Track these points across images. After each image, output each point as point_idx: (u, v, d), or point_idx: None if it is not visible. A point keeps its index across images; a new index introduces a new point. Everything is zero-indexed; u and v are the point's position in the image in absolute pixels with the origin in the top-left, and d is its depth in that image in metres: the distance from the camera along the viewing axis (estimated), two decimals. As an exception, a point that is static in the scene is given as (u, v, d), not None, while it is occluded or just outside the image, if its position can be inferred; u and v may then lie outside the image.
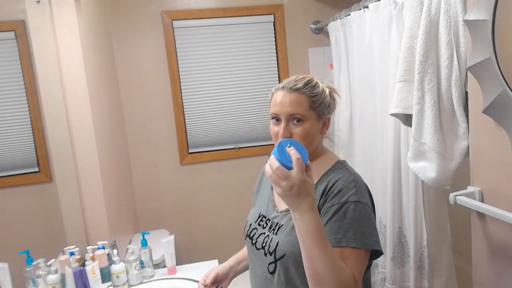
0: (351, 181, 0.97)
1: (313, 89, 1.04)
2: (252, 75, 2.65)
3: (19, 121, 1.56)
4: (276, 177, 0.79)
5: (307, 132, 1.03)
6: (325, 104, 1.06)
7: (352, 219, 0.91)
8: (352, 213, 0.92)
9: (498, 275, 1.22)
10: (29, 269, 1.50)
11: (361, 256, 0.90)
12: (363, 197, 0.96)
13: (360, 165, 2.16)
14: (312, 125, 1.04)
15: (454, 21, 1.35)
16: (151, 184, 2.60)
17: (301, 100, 1.02)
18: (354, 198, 0.94)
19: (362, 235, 0.91)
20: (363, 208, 0.93)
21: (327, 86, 1.11)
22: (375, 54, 1.88)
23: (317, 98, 1.04)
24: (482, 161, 1.23)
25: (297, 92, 1.03)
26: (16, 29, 1.55)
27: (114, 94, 2.32)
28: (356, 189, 0.95)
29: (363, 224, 0.92)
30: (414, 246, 1.75)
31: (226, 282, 1.24)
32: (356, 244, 0.89)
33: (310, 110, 1.03)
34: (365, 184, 1.01)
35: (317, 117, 1.05)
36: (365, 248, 0.90)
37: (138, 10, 2.47)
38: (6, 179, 1.51)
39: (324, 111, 1.06)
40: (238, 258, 1.28)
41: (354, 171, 1.04)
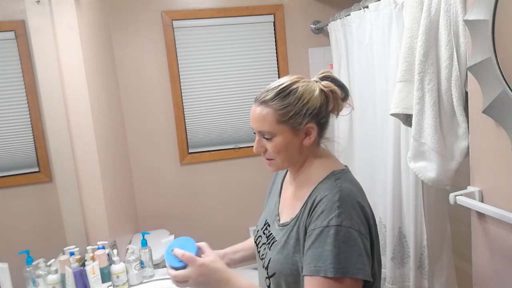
0: (336, 201, 0.87)
1: (283, 100, 0.93)
2: (252, 75, 2.65)
3: (19, 121, 1.56)
4: (181, 283, 0.84)
5: (278, 148, 0.96)
6: (303, 113, 0.93)
7: (333, 245, 0.83)
8: (333, 238, 0.83)
9: (498, 275, 1.22)
10: (29, 269, 1.50)
11: (345, 286, 0.82)
12: (348, 219, 0.85)
13: (360, 165, 2.16)
14: (284, 140, 0.95)
15: (454, 21, 1.35)
16: (151, 184, 2.60)
17: (266, 115, 0.94)
18: (335, 222, 0.84)
19: (344, 262, 0.82)
20: (346, 232, 0.84)
21: (326, 84, 0.97)
22: (375, 54, 1.88)
23: (289, 110, 0.93)
24: (482, 161, 1.23)
25: (263, 106, 0.94)
26: (16, 29, 1.55)
27: (114, 94, 2.32)
28: (340, 210, 0.85)
29: (347, 250, 0.83)
30: (414, 246, 1.75)
31: None
32: (334, 274, 0.81)
33: (279, 124, 0.93)
34: (357, 200, 0.89)
35: (292, 130, 0.94)
36: (347, 277, 0.82)
37: (138, 10, 2.47)
38: (6, 179, 1.51)
39: (302, 121, 0.94)
40: (236, 248, 1.25)
41: (346, 185, 0.92)
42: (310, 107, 0.94)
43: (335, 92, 0.97)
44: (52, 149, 1.60)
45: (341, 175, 0.95)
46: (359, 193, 0.93)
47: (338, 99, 0.98)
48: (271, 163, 1.00)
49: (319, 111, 0.95)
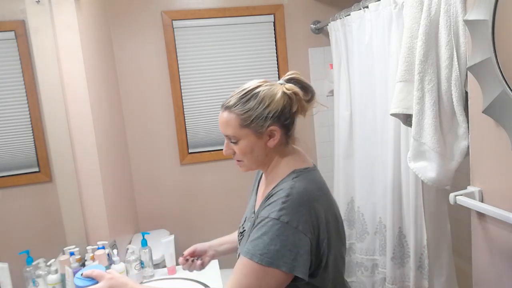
0: (284, 197, 0.92)
1: (244, 105, 0.98)
2: (252, 75, 2.65)
3: (19, 121, 1.56)
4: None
5: (244, 151, 1.01)
6: (265, 116, 0.97)
7: (267, 235, 0.89)
8: (269, 229, 0.89)
9: (498, 275, 1.22)
10: (29, 269, 1.50)
11: (267, 275, 0.88)
12: (288, 215, 0.89)
13: (360, 165, 2.16)
14: (249, 143, 1.00)
15: (454, 21, 1.35)
16: (151, 184, 2.60)
17: (230, 120, 0.99)
18: (275, 215, 0.90)
19: (272, 253, 0.87)
20: (281, 226, 0.89)
21: (289, 87, 1.01)
22: (375, 54, 1.88)
23: (250, 114, 0.97)
24: (482, 161, 1.23)
25: (227, 111, 1.00)
26: (16, 29, 1.55)
27: (114, 94, 2.32)
28: (283, 205, 0.91)
29: (277, 243, 0.88)
30: (414, 246, 1.75)
31: (205, 257, 1.24)
32: (259, 260, 0.87)
33: (242, 128, 0.99)
34: (306, 200, 0.92)
35: (255, 133, 0.99)
36: (272, 267, 0.87)
37: (138, 10, 2.47)
38: (6, 179, 1.51)
39: (264, 124, 0.98)
40: (222, 240, 1.30)
41: (300, 184, 0.96)
42: (271, 110, 0.98)
43: (298, 94, 1.01)
44: (52, 149, 1.60)
45: (301, 173, 0.99)
46: (317, 192, 0.97)
47: (302, 101, 1.02)
48: (241, 164, 1.07)
49: (282, 113, 0.99)
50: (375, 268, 2.09)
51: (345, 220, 2.34)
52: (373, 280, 2.12)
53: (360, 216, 2.16)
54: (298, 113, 1.04)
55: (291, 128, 1.04)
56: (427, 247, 1.73)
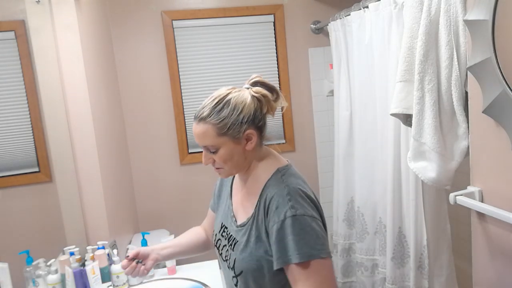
0: (286, 195, 0.96)
1: (219, 114, 0.99)
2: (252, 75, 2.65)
3: (19, 121, 1.56)
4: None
5: (224, 159, 1.03)
6: (240, 122, 1.00)
7: (293, 234, 0.92)
8: (292, 228, 0.93)
9: (498, 275, 1.22)
10: (29, 269, 1.50)
11: (317, 269, 0.92)
12: (300, 207, 0.95)
13: (360, 165, 2.16)
14: (228, 150, 1.02)
15: (454, 21, 1.35)
16: (151, 184, 2.60)
17: (206, 131, 1.00)
18: (290, 213, 0.94)
19: (306, 247, 0.92)
20: (301, 219, 0.93)
21: (256, 90, 1.03)
22: (375, 54, 1.88)
23: (226, 122, 0.99)
24: (482, 161, 1.23)
25: (202, 123, 1.01)
26: (16, 29, 1.55)
27: (114, 94, 2.32)
28: (291, 202, 0.95)
29: (306, 236, 0.92)
30: (414, 246, 1.75)
31: (148, 261, 1.23)
32: (303, 259, 0.91)
33: (220, 137, 1.00)
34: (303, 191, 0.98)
35: (232, 139, 1.01)
36: (312, 259, 0.91)
37: (138, 10, 2.47)
38: (6, 179, 1.51)
39: (241, 129, 1.00)
40: (166, 244, 1.30)
41: (290, 179, 1.01)
42: (245, 115, 1.01)
43: (266, 96, 1.04)
44: (52, 149, 1.60)
45: (285, 171, 1.04)
46: (303, 183, 1.03)
47: (271, 101, 1.05)
48: (221, 171, 1.09)
49: (255, 116, 1.02)
50: (375, 268, 2.09)
51: (345, 220, 2.34)
52: (373, 280, 2.12)
53: (360, 216, 2.16)
54: (268, 114, 1.07)
55: (264, 129, 1.07)
56: (427, 247, 1.73)
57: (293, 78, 2.71)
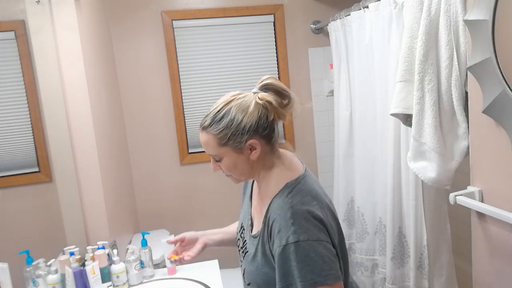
0: (289, 218, 0.90)
1: (218, 124, 0.97)
2: (252, 75, 2.65)
3: (19, 121, 1.56)
4: None
5: (229, 168, 1.01)
6: (240, 132, 0.95)
7: (296, 261, 0.88)
8: (295, 255, 0.88)
9: (498, 275, 1.22)
10: (29, 269, 1.50)
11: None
12: (304, 232, 0.89)
13: (360, 165, 2.16)
14: (231, 159, 1.00)
15: (454, 21, 1.35)
16: (151, 184, 2.60)
17: (209, 140, 0.99)
18: (293, 239, 0.88)
19: (311, 274, 0.87)
20: (306, 245, 0.88)
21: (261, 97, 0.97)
22: (375, 54, 1.88)
23: (226, 133, 0.96)
24: (482, 161, 1.23)
25: (204, 132, 1.00)
26: (16, 29, 1.55)
27: (114, 94, 2.32)
28: (295, 227, 0.89)
29: (310, 263, 0.88)
30: (414, 246, 1.75)
31: (197, 245, 1.22)
32: (307, 286, 0.87)
33: (221, 147, 0.98)
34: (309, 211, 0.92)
35: (234, 149, 0.98)
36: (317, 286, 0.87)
37: (138, 10, 2.47)
38: (6, 179, 1.51)
39: (242, 139, 0.96)
40: (216, 230, 1.29)
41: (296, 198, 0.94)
42: (246, 124, 0.95)
43: (271, 103, 0.97)
44: (52, 149, 1.60)
45: (294, 186, 0.97)
46: (313, 202, 0.94)
47: (278, 109, 0.98)
48: (230, 178, 1.07)
49: (258, 125, 0.97)
50: (375, 268, 2.09)
51: (345, 220, 2.34)
52: (373, 280, 2.12)
53: (360, 216, 2.16)
54: (277, 121, 1.01)
55: (272, 136, 1.02)
56: (427, 247, 1.73)
57: (293, 78, 2.71)
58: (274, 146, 1.04)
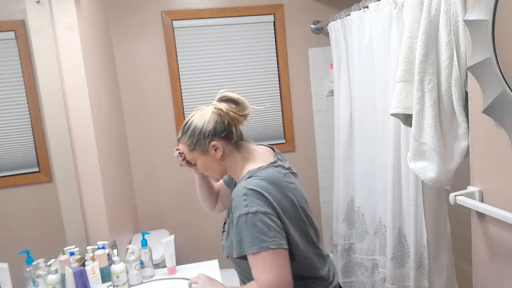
0: (243, 195, 1.08)
1: (186, 135, 1.21)
2: (252, 75, 2.65)
3: (19, 121, 1.56)
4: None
5: (203, 168, 1.26)
6: (202, 137, 1.18)
7: (247, 229, 1.05)
8: (245, 224, 1.06)
9: (498, 275, 1.22)
10: (29, 269, 1.50)
11: (266, 257, 1.04)
12: (254, 206, 1.06)
13: (360, 165, 2.16)
14: (202, 161, 1.23)
15: (454, 21, 1.35)
16: (151, 184, 2.60)
17: (183, 149, 1.24)
18: (245, 211, 1.06)
19: (258, 240, 1.04)
20: (253, 216, 1.05)
21: (216, 106, 1.19)
22: (375, 54, 1.88)
23: (191, 140, 1.20)
24: (482, 161, 1.23)
25: (179, 143, 1.25)
26: (16, 29, 1.55)
27: (114, 94, 2.32)
28: (246, 201, 1.07)
29: (257, 230, 1.05)
30: (414, 246, 1.75)
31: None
32: (253, 250, 1.04)
33: (192, 152, 1.22)
34: (259, 191, 1.08)
35: (201, 153, 1.21)
36: (263, 250, 1.04)
37: (138, 10, 2.47)
38: (6, 179, 1.51)
39: (205, 143, 1.19)
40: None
41: (253, 181, 1.11)
42: (206, 130, 1.18)
43: (222, 110, 1.18)
44: (52, 149, 1.60)
45: (254, 172, 1.15)
46: (268, 186, 1.11)
47: (229, 113, 1.19)
48: (209, 177, 1.39)
49: (216, 129, 1.19)
50: (375, 268, 2.09)
51: (345, 220, 2.34)
52: (373, 280, 2.12)
53: (360, 216, 2.16)
54: (233, 124, 1.21)
55: (232, 137, 1.21)
56: (427, 247, 1.73)
57: (293, 78, 2.71)
58: (237, 145, 1.23)
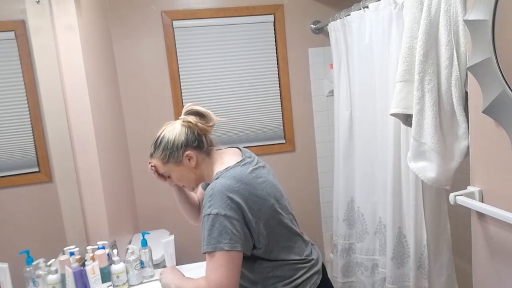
0: (209, 196, 1.14)
1: (158, 149, 1.25)
2: (252, 75, 2.65)
3: (19, 121, 1.56)
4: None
5: (178, 179, 1.30)
6: (175, 149, 1.23)
7: (207, 229, 1.12)
8: (206, 224, 1.12)
9: (498, 275, 1.22)
10: (29, 269, 1.50)
11: (219, 258, 1.10)
12: (216, 208, 1.12)
13: (360, 165, 2.16)
14: (176, 172, 1.27)
15: (454, 21, 1.35)
16: (151, 184, 2.60)
17: (156, 163, 1.28)
18: (207, 211, 1.13)
19: (214, 240, 1.11)
20: (214, 218, 1.11)
21: (184, 119, 1.26)
22: (375, 54, 1.88)
23: (164, 154, 1.24)
24: (482, 161, 1.23)
25: (152, 158, 1.29)
26: (16, 29, 1.55)
27: (114, 94, 2.32)
28: (210, 202, 1.13)
29: (215, 231, 1.11)
30: (414, 246, 1.75)
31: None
32: (209, 249, 1.11)
33: (166, 165, 1.26)
34: (225, 193, 1.13)
35: (176, 164, 1.25)
36: (217, 250, 1.10)
37: (138, 10, 2.47)
38: (6, 179, 1.51)
39: (179, 154, 1.23)
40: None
41: (220, 181, 1.16)
42: (177, 143, 1.24)
43: (191, 122, 1.26)
44: (52, 149, 1.60)
45: (221, 173, 1.21)
46: (236, 184, 1.16)
47: (198, 125, 1.26)
48: (185, 188, 1.41)
49: (187, 140, 1.24)
50: (375, 268, 2.09)
51: (345, 220, 2.34)
52: (373, 280, 2.12)
53: (360, 216, 2.16)
54: (202, 133, 1.27)
55: (203, 146, 1.27)
56: (427, 247, 1.73)
57: (293, 78, 2.71)
58: (208, 152, 1.28)
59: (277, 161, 2.72)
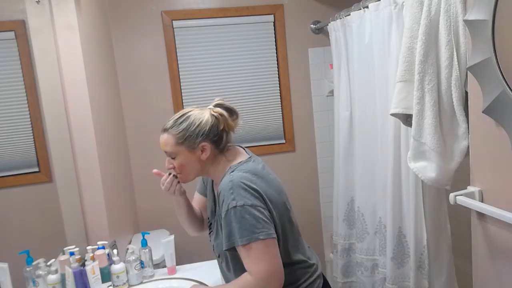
0: (229, 189, 1.12)
1: (178, 127, 1.21)
2: (252, 75, 2.65)
3: (19, 121, 1.56)
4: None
5: (181, 165, 1.24)
6: (195, 135, 1.19)
7: (236, 222, 1.10)
8: (234, 217, 1.10)
9: (498, 275, 1.22)
10: (29, 269, 1.50)
11: (257, 248, 1.09)
12: (241, 199, 1.11)
13: (360, 165, 2.16)
14: (185, 158, 1.23)
15: (454, 21, 1.35)
16: (151, 184, 2.59)
17: (167, 139, 1.23)
18: (233, 204, 1.11)
19: (247, 232, 1.09)
20: (242, 209, 1.10)
21: (215, 110, 1.22)
22: (375, 54, 1.88)
23: (183, 134, 1.20)
24: (482, 161, 1.23)
25: (165, 132, 1.24)
26: (16, 29, 1.55)
27: (114, 94, 2.32)
28: (233, 195, 1.11)
29: (246, 223, 1.09)
30: (414, 246, 1.75)
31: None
32: (244, 241, 1.09)
33: (178, 146, 1.22)
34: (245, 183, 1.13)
35: (188, 149, 1.21)
36: (252, 241, 1.09)
37: (138, 10, 2.47)
38: (6, 179, 1.51)
39: (196, 141, 1.20)
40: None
41: (237, 174, 1.16)
42: (201, 129, 1.20)
43: (223, 115, 1.22)
44: (52, 149, 1.60)
45: (236, 167, 1.20)
46: (252, 177, 1.16)
47: (228, 120, 1.23)
48: (180, 177, 1.31)
49: (210, 131, 1.21)
50: (375, 268, 2.09)
51: (345, 220, 2.34)
52: (373, 280, 2.12)
53: (360, 216, 2.16)
54: (226, 130, 1.25)
55: (221, 143, 1.24)
56: (427, 247, 1.73)
57: (293, 78, 2.71)
58: (223, 150, 1.26)
59: (277, 161, 2.72)
